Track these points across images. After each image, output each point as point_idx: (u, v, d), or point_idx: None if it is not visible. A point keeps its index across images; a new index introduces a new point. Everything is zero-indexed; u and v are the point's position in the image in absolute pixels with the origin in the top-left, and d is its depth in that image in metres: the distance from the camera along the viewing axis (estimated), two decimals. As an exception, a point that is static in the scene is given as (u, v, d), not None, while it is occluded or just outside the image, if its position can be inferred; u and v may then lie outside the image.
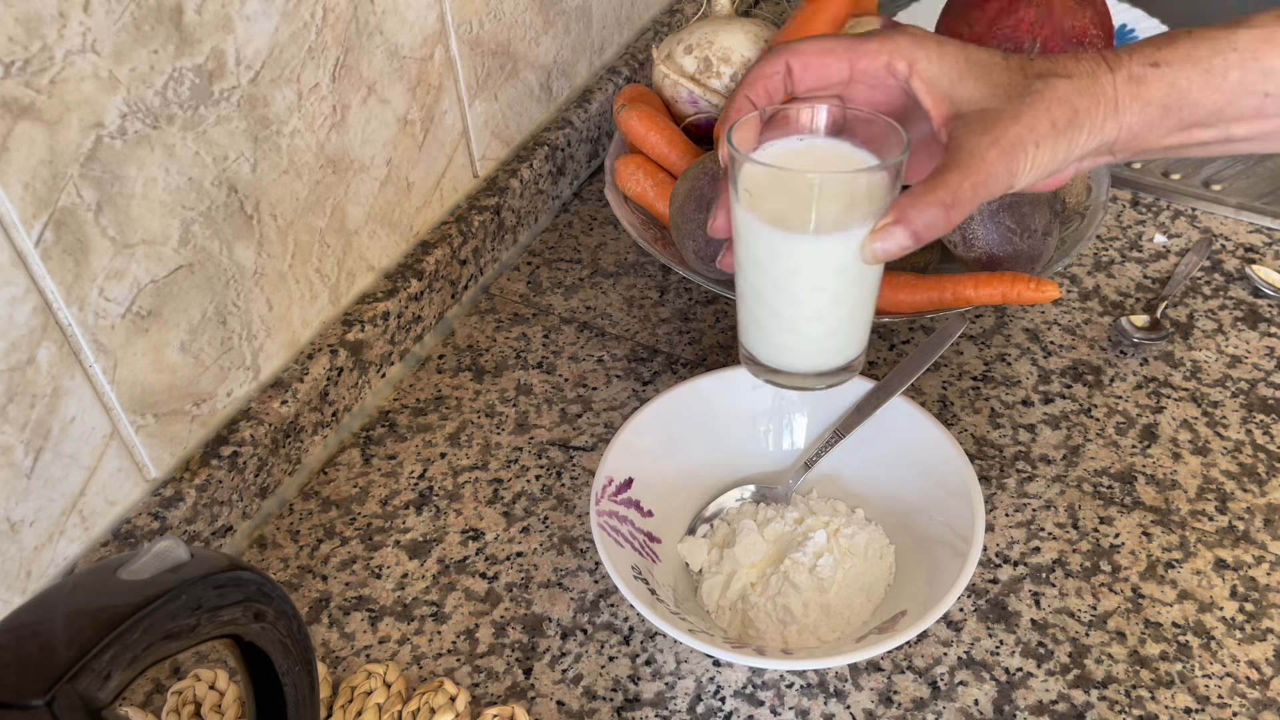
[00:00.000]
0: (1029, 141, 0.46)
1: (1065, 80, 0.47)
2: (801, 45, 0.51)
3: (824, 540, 0.60)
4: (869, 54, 0.50)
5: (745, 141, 0.51)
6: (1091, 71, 0.48)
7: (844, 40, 0.51)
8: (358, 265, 0.72)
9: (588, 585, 0.63)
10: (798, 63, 0.51)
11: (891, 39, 0.50)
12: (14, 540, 0.54)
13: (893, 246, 0.47)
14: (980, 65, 0.49)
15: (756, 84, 0.52)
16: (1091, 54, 0.49)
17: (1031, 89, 0.47)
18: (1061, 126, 0.47)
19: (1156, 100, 0.47)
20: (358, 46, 0.65)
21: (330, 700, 0.57)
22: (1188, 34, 0.48)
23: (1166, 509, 0.65)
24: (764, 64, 0.52)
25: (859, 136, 0.51)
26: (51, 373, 0.53)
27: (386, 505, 0.68)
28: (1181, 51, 0.47)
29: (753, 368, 0.57)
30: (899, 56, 0.49)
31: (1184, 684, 0.57)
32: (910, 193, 0.47)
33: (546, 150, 0.85)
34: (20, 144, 0.48)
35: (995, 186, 0.46)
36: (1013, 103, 0.47)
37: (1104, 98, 0.47)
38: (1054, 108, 0.47)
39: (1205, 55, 0.47)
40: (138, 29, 0.52)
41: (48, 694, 0.31)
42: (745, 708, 0.57)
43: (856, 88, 0.52)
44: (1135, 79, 0.47)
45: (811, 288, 0.51)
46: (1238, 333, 0.76)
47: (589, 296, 0.82)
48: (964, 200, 0.46)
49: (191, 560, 0.37)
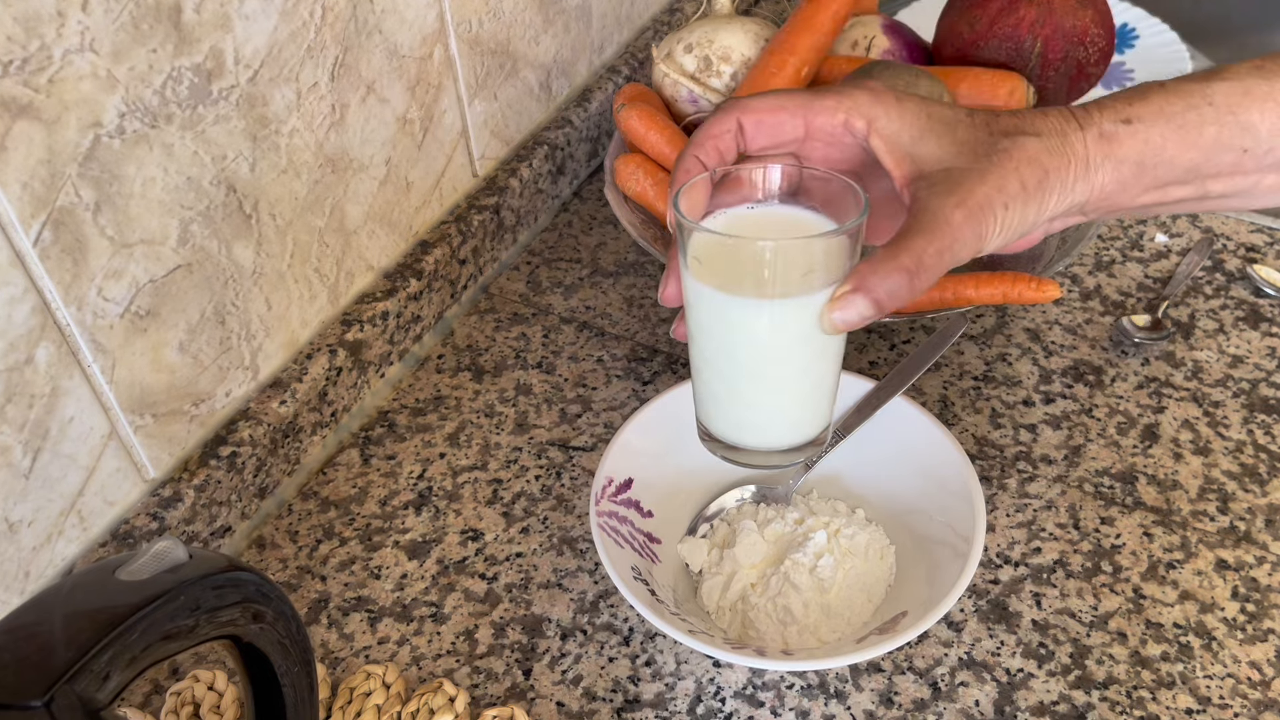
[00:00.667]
0: (997, 203, 0.44)
1: (1034, 139, 0.45)
2: (753, 102, 0.48)
3: (824, 541, 0.59)
4: (825, 111, 0.47)
5: (694, 206, 0.48)
6: (1060, 129, 0.46)
7: (798, 96, 0.48)
8: (357, 265, 0.72)
9: (587, 586, 0.63)
10: (749, 120, 0.48)
11: (849, 95, 0.47)
12: (12, 541, 0.54)
13: (853, 316, 0.44)
14: (943, 122, 0.46)
15: (706, 144, 0.49)
16: (1059, 110, 0.46)
17: (998, 147, 0.45)
18: (1031, 188, 0.45)
19: (1130, 158, 0.45)
20: (357, 45, 0.65)
21: (329, 701, 0.57)
22: (1160, 87, 0.46)
23: (1168, 509, 0.65)
24: (713, 122, 0.49)
25: (815, 198, 0.48)
26: (50, 373, 0.53)
27: (386, 505, 0.68)
28: (1154, 107, 0.45)
29: (709, 444, 0.53)
30: (856, 114, 0.47)
31: (1185, 685, 0.57)
32: (872, 259, 0.44)
33: (546, 149, 0.85)
34: (18, 143, 0.48)
35: (962, 251, 0.44)
36: (979, 161, 0.45)
37: (1075, 157, 0.45)
38: (1023, 167, 0.44)
39: (1179, 110, 0.45)
40: (136, 28, 0.52)
41: (46, 695, 0.31)
42: (745, 708, 0.57)
43: (813, 145, 0.49)
44: (1106, 137, 0.45)
45: (768, 360, 0.48)
46: (1239, 333, 0.76)
47: (589, 296, 0.81)
48: (929, 266, 0.43)
49: (190, 561, 0.37)
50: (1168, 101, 0.45)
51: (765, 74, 0.73)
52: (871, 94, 0.47)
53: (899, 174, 0.47)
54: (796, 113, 0.48)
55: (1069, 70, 0.74)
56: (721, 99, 0.76)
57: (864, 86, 0.48)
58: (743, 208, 0.49)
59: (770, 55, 0.74)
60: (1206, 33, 1.11)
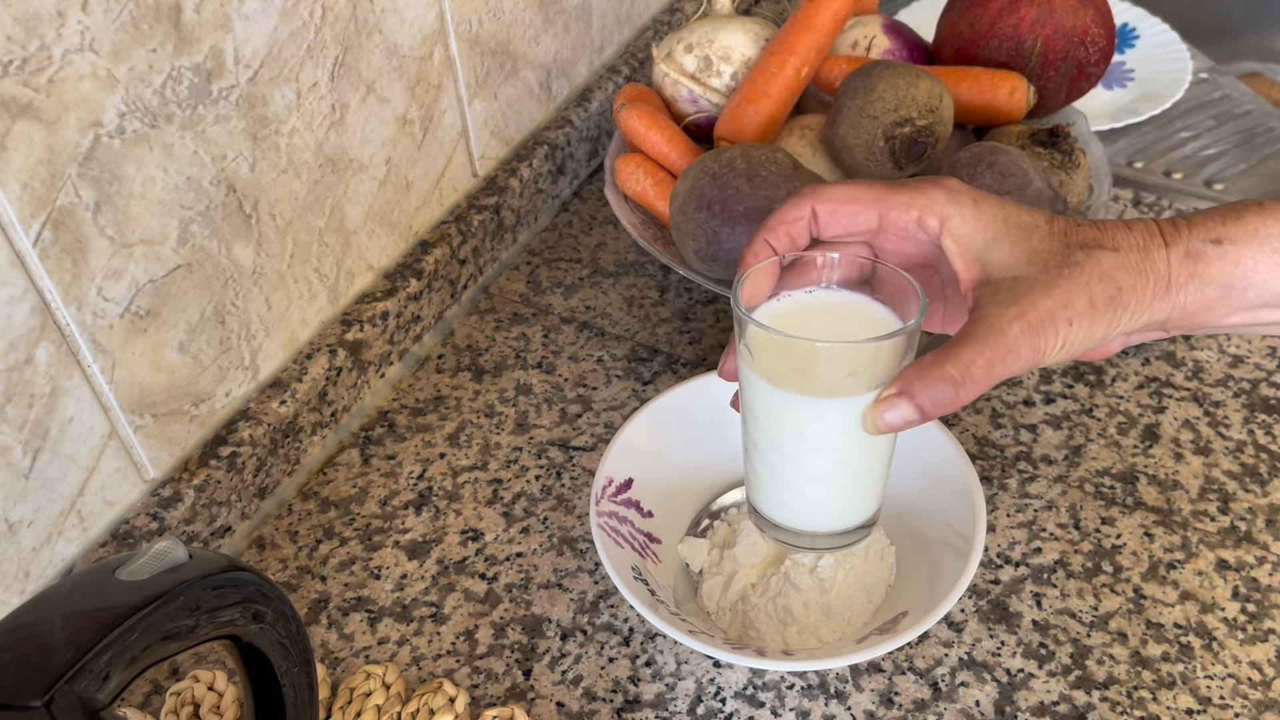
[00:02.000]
0: (1061, 319, 0.43)
1: (1111, 254, 0.44)
2: (829, 191, 0.48)
3: (825, 541, 0.59)
4: (899, 206, 0.47)
5: (757, 291, 0.49)
6: (1143, 245, 0.44)
7: (874, 189, 0.48)
8: (357, 265, 0.72)
9: (587, 586, 0.63)
10: (824, 209, 0.48)
11: (925, 192, 0.47)
12: (12, 541, 0.54)
13: (896, 420, 0.44)
14: (1019, 228, 0.45)
15: (778, 229, 0.49)
16: (1145, 224, 0.45)
17: (1072, 260, 0.44)
18: (1101, 305, 0.43)
19: (1216, 280, 0.44)
20: (357, 45, 0.65)
21: (329, 701, 0.57)
22: (1259, 207, 0.44)
23: (1168, 509, 0.65)
24: (788, 208, 0.49)
25: (880, 290, 0.49)
26: (50, 373, 0.53)
27: (386, 506, 0.68)
28: (1249, 228, 0.43)
29: (756, 519, 0.54)
30: (930, 213, 0.46)
31: (1186, 685, 0.57)
32: (920, 363, 0.44)
33: (546, 149, 0.85)
34: (18, 143, 0.48)
35: (1015, 364, 0.43)
36: (1049, 273, 0.44)
37: (1154, 274, 0.44)
38: (1094, 284, 0.43)
39: (1275, 234, 0.43)
40: (136, 28, 0.52)
41: (46, 695, 0.31)
42: (746, 709, 0.57)
43: (886, 237, 0.49)
44: (1193, 256, 0.44)
45: (813, 450, 0.49)
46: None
47: (589, 296, 0.81)
48: (977, 378, 0.43)
49: (190, 561, 0.37)
50: (1264, 223, 0.43)
51: (765, 74, 0.73)
52: (948, 193, 0.46)
53: (966, 277, 0.46)
54: (871, 205, 0.48)
55: (1069, 70, 0.74)
56: (722, 99, 0.76)
57: (942, 185, 0.47)
58: (804, 292, 0.50)
59: (770, 55, 0.74)
60: (1206, 33, 1.11)
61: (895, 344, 0.45)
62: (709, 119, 0.77)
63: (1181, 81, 0.96)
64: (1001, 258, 0.45)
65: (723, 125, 0.74)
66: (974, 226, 0.46)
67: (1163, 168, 0.90)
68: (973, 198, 0.46)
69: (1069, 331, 0.44)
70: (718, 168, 0.66)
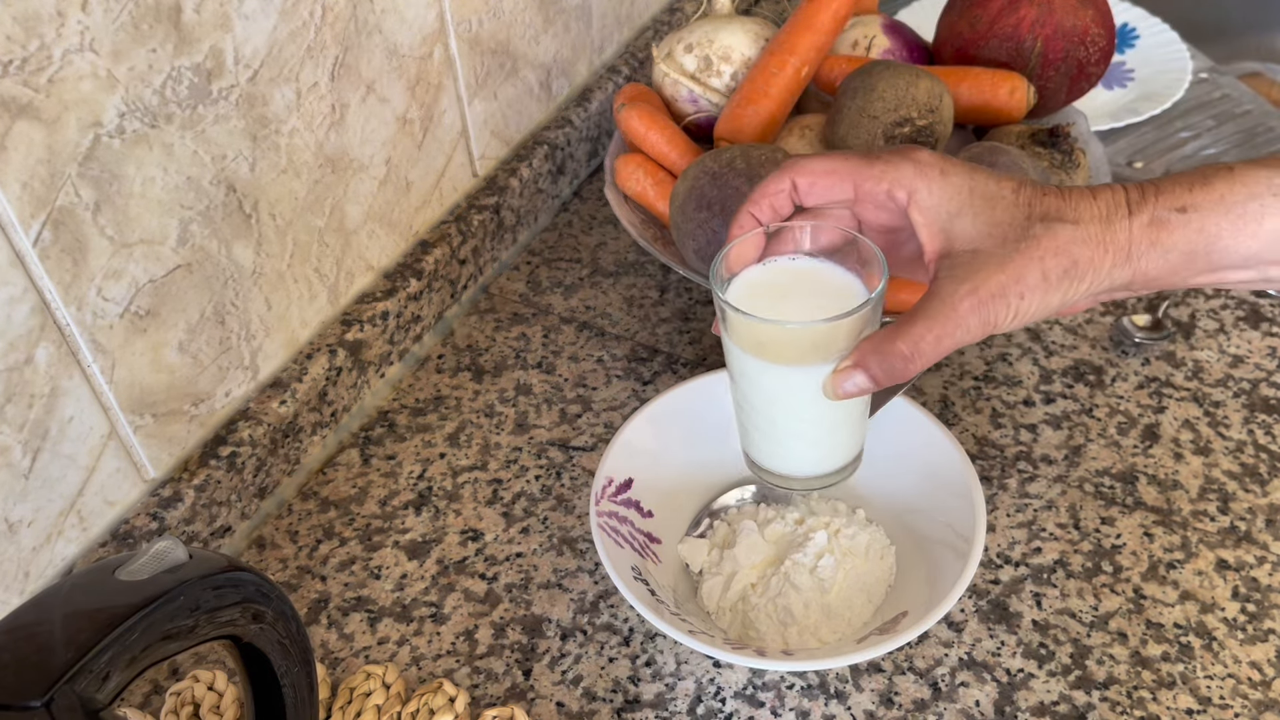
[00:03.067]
0: (1013, 293, 0.45)
1: (1070, 227, 0.45)
2: (807, 163, 0.51)
3: (825, 541, 0.59)
4: (871, 178, 0.49)
5: (742, 258, 0.52)
6: (1106, 215, 0.45)
7: (849, 161, 0.50)
8: (357, 265, 0.72)
9: (587, 586, 0.63)
10: (803, 181, 0.51)
11: (895, 165, 0.49)
12: (12, 541, 0.54)
13: (852, 389, 0.48)
14: (985, 198, 0.47)
15: (762, 201, 0.52)
16: (1112, 191, 0.46)
17: (1030, 233, 0.45)
18: (1055, 278, 0.45)
19: (1180, 247, 0.45)
20: (357, 45, 0.65)
21: (329, 701, 0.57)
22: (1228, 171, 0.45)
23: (1168, 509, 0.65)
24: (770, 181, 0.51)
25: (854, 258, 0.52)
26: (49, 373, 0.53)
27: (385, 506, 0.68)
28: (1215, 194, 0.44)
29: (751, 468, 0.59)
30: (899, 185, 0.48)
31: (1186, 685, 0.57)
32: (874, 338, 0.47)
33: (546, 149, 0.85)
34: (18, 143, 0.48)
35: (965, 337, 0.46)
36: (1005, 247, 0.45)
37: (1114, 245, 0.45)
38: (1049, 258, 0.45)
39: (1241, 200, 0.44)
40: (136, 28, 0.52)
41: (46, 695, 0.31)
42: (746, 709, 0.57)
43: (864, 207, 0.51)
44: (1158, 223, 0.45)
45: (787, 410, 0.53)
46: (1239, 332, 0.76)
47: (589, 296, 0.81)
48: (925, 352, 0.46)
49: (190, 561, 0.37)
50: (1230, 189, 0.44)
51: (765, 74, 0.73)
52: (916, 166, 0.48)
53: (930, 249, 0.48)
54: (846, 177, 0.50)
55: (1069, 70, 0.74)
56: (722, 99, 0.76)
57: (911, 157, 0.49)
58: (786, 259, 0.53)
59: (770, 55, 0.74)
60: (1206, 33, 1.11)
61: (853, 320, 0.48)
62: (709, 119, 0.77)
63: (1181, 81, 0.96)
64: (964, 229, 0.47)
65: (723, 125, 0.74)
66: (939, 199, 0.48)
67: (1163, 167, 0.90)
68: (940, 169, 0.48)
69: (1020, 304, 0.46)
70: (718, 168, 0.66)
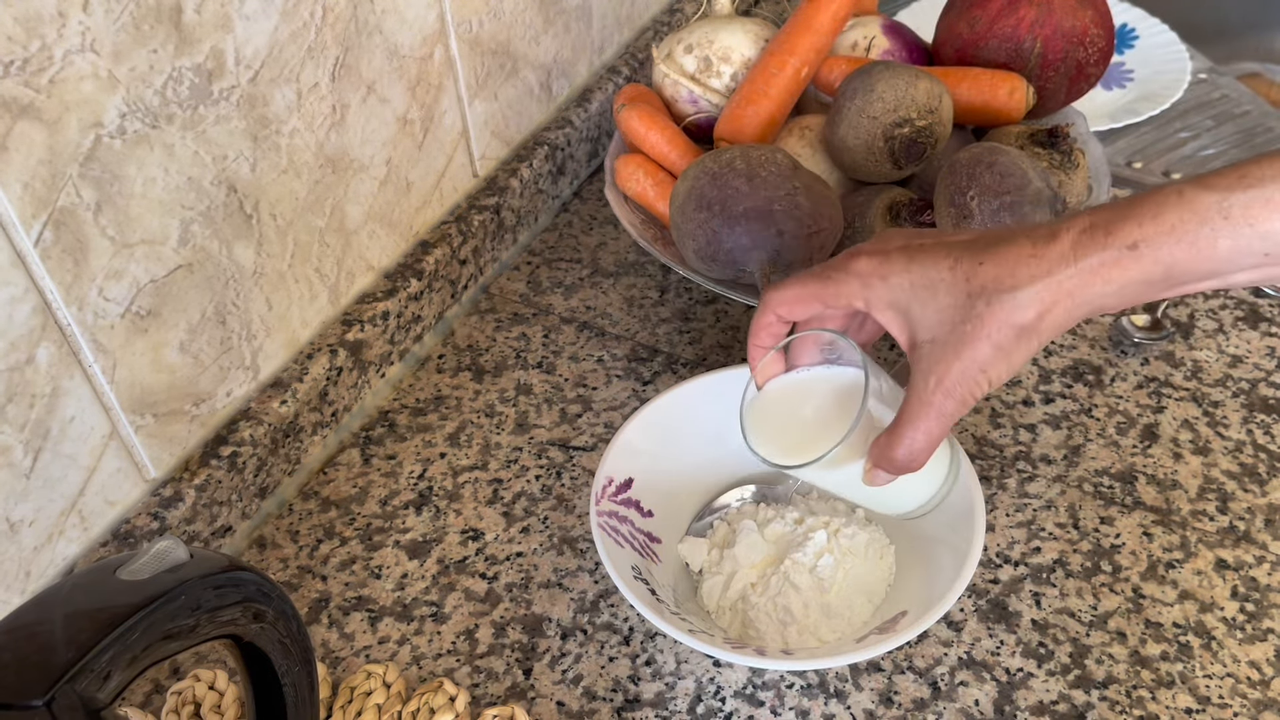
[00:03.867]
0: (974, 373, 0.47)
1: (1010, 295, 0.45)
2: (779, 295, 0.53)
3: (824, 540, 0.59)
4: (830, 297, 0.51)
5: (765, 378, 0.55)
6: (1049, 270, 0.45)
7: (808, 286, 0.51)
8: (357, 265, 0.72)
9: (588, 585, 0.63)
10: (782, 310, 0.53)
11: (842, 281, 0.50)
12: (13, 540, 0.54)
13: (884, 481, 0.51)
14: (925, 288, 0.47)
15: (760, 334, 0.55)
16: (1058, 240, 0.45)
17: (973, 313, 0.46)
18: (1009, 345, 0.46)
19: (1135, 279, 0.45)
20: (357, 46, 0.65)
21: (330, 700, 0.57)
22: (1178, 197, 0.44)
23: (1167, 509, 0.65)
24: (757, 320, 0.54)
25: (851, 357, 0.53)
26: (50, 373, 0.53)
27: (386, 505, 0.68)
28: (1166, 225, 0.44)
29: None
30: (855, 297, 0.50)
31: (1185, 684, 0.57)
32: (878, 444, 0.50)
33: (546, 150, 0.85)
34: (19, 144, 0.48)
35: (950, 419, 0.48)
36: (955, 331, 0.46)
37: (1063, 294, 0.45)
38: (996, 333, 0.46)
39: (1193, 228, 0.43)
40: (137, 28, 0.52)
41: (47, 694, 0.31)
42: (745, 708, 0.57)
43: (839, 318, 0.54)
44: (1109, 263, 0.44)
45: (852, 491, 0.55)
46: (1238, 332, 0.76)
47: (589, 296, 0.81)
48: (921, 448, 0.49)
49: (191, 560, 0.37)
50: (1181, 219, 0.43)
51: (765, 74, 0.73)
52: (860, 279, 0.50)
53: (903, 343, 0.50)
54: (811, 301, 0.52)
55: (1069, 70, 0.74)
56: (722, 99, 0.76)
57: (854, 272, 0.50)
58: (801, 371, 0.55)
59: (770, 56, 0.74)
60: (1206, 33, 1.11)
61: (853, 436, 0.50)
62: (709, 119, 0.77)
63: (1181, 82, 0.96)
64: (920, 319, 0.48)
65: (723, 125, 0.74)
66: (890, 300, 0.49)
67: (1162, 168, 0.90)
68: (880, 275, 0.49)
69: (987, 376, 0.47)
70: (717, 168, 0.66)
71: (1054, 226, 0.46)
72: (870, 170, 0.69)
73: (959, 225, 0.63)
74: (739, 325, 0.78)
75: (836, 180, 0.73)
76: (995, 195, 0.62)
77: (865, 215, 0.68)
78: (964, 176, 0.63)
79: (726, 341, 0.77)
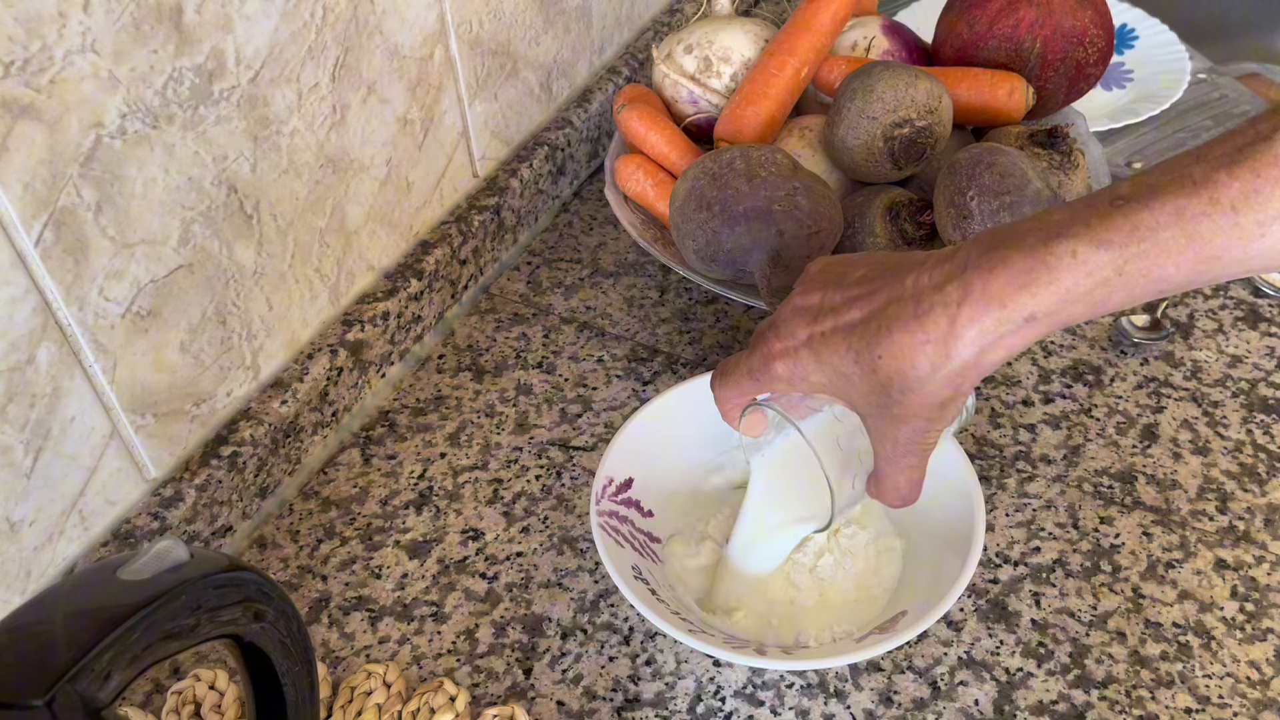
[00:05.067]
0: (919, 435, 0.47)
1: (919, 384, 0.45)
2: (722, 394, 0.54)
3: (825, 540, 0.60)
4: (770, 388, 0.51)
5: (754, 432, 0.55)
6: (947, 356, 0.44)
7: (746, 385, 0.52)
8: (357, 265, 0.72)
9: (588, 585, 0.63)
10: (728, 408, 0.54)
11: (771, 383, 0.50)
12: (14, 540, 0.54)
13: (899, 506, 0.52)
14: (841, 378, 0.48)
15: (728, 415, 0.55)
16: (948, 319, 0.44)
17: (890, 399, 0.46)
18: (937, 414, 0.46)
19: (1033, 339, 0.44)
20: (357, 46, 0.65)
21: (330, 700, 0.57)
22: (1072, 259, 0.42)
23: (1167, 509, 0.65)
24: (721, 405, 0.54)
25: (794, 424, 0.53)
26: (51, 373, 0.53)
27: (386, 505, 0.68)
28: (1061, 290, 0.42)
29: None
30: (791, 387, 0.50)
31: (1184, 684, 0.57)
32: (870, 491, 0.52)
33: (546, 150, 0.85)
34: (20, 144, 0.48)
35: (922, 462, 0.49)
36: (886, 413, 0.47)
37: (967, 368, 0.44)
38: (922, 409, 0.46)
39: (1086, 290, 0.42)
40: (137, 29, 0.52)
41: (48, 694, 0.31)
42: (745, 708, 0.57)
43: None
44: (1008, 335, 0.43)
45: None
46: (1238, 332, 0.76)
47: (589, 296, 0.81)
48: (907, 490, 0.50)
49: (191, 560, 0.37)
50: (1076, 283, 0.42)
51: (765, 74, 0.73)
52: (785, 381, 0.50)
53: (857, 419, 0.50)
54: (753, 391, 0.52)
55: (1068, 70, 0.74)
56: (722, 99, 0.76)
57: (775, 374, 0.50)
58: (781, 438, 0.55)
59: (770, 56, 0.74)
60: (1206, 33, 1.11)
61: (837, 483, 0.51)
62: (709, 120, 0.77)
63: (1180, 82, 0.96)
64: (851, 401, 0.49)
65: (722, 126, 0.74)
66: (820, 386, 0.49)
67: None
68: (800, 375, 0.49)
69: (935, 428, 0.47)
70: (717, 168, 0.66)
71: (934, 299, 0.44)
72: (870, 170, 0.69)
73: (959, 225, 0.63)
74: (739, 325, 0.78)
75: (836, 180, 0.73)
76: (995, 195, 0.62)
77: (865, 215, 0.68)
78: (964, 177, 0.63)
79: (726, 341, 0.77)
